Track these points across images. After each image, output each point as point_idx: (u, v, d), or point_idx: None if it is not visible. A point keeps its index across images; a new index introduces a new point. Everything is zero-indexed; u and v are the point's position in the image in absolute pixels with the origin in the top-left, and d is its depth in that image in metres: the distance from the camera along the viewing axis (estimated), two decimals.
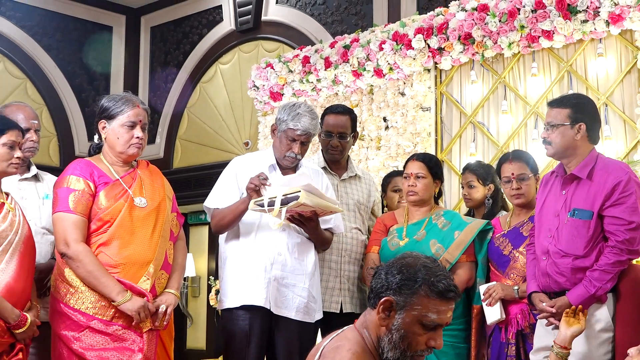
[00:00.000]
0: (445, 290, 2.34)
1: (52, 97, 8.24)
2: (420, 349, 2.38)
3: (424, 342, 2.37)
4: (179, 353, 7.69)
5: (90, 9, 8.58)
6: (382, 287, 2.40)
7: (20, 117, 3.97)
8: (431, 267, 2.37)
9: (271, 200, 3.78)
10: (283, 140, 4.03)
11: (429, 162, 4.26)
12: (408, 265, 2.39)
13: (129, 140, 3.68)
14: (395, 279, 2.37)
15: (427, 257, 2.46)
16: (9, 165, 3.48)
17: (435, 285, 2.34)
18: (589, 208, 3.52)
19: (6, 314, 3.33)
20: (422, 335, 2.36)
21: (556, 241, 3.61)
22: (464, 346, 4.10)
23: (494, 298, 3.94)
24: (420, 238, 4.16)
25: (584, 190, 3.56)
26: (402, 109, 5.84)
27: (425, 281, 2.34)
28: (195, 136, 8.23)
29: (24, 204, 3.84)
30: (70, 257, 3.49)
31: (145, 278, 3.56)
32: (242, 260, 3.99)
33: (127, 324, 3.49)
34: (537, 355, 3.70)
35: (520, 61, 5.40)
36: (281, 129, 4.03)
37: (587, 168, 3.58)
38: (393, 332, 2.36)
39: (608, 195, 3.49)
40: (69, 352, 3.47)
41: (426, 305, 2.34)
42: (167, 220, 3.73)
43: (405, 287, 2.35)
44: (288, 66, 6.55)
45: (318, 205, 3.81)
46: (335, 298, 4.35)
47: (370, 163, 5.93)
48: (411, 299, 2.34)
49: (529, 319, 3.90)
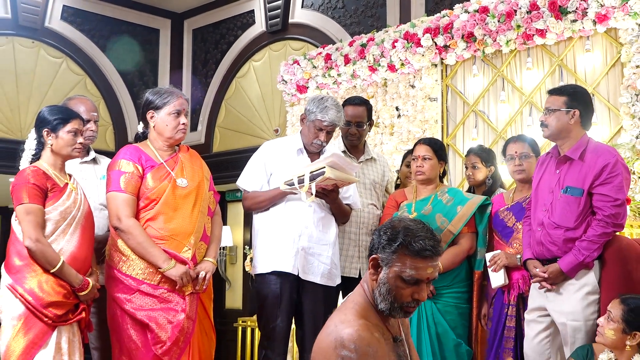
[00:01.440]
0: (420, 250, 2.32)
1: (107, 91, 8.28)
2: (407, 301, 2.37)
3: (409, 295, 2.36)
4: (219, 312, 7.76)
5: (140, 14, 8.59)
6: (373, 247, 2.42)
7: (82, 109, 3.99)
8: (412, 229, 2.36)
9: (300, 178, 3.81)
10: (311, 129, 4.02)
11: (435, 146, 4.25)
12: (393, 227, 2.39)
13: (176, 126, 3.70)
14: (382, 239, 2.38)
15: (413, 219, 2.45)
16: (73, 150, 3.52)
17: (412, 245, 2.32)
18: (580, 186, 3.50)
19: (71, 278, 3.37)
20: (406, 289, 2.35)
21: (550, 214, 3.59)
22: (466, 306, 4.09)
23: (499, 265, 3.93)
24: (427, 212, 4.14)
25: (576, 170, 3.54)
26: (412, 100, 5.82)
27: (403, 241, 2.33)
28: (232, 124, 8.24)
29: (84, 184, 3.86)
30: (122, 230, 3.52)
31: (187, 248, 3.59)
32: (273, 231, 4.00)
33: (172, 288, 3.52)
34: (531, 315, 3.70)
35: (516, 57, 5.36)
36: (310, 119, 4.01)
37: (579, 150, 3.55)
38: (381, 286, 2.37)
39: (597, 175, 3.46)
40: (122, 311, 3.51)
41: (404, 262, 2.33)
42: (205, 198, 3.75)
43: (388, 247, 2.35)
44: (312, 62, 6.54)
45: (339, 177, 3.81)
46: (355, 265, 4.35)
47: (384, 147, 5.92)
48: (391, 257, 2.34)
49: (529, 284, 3.86)
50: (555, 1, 4.86)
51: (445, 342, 3.96)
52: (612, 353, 3.19)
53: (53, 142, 3.47)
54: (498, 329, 3.94)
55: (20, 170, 3.43)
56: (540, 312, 3.65)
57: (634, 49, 4.60)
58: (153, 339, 3.46)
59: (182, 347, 3.50)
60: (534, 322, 3.67)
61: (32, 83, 7.61)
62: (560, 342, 3.61)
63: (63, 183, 3.48)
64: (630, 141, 4.51)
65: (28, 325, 3.28)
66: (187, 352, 3.53)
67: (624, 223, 3.52)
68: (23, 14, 7.47)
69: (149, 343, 3.46)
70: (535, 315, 3.67)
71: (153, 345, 3.46)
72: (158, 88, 3.79)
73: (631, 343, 3.14)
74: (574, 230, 3.52)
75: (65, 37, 7.92)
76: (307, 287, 3.97)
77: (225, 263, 8.26)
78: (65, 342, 3.35)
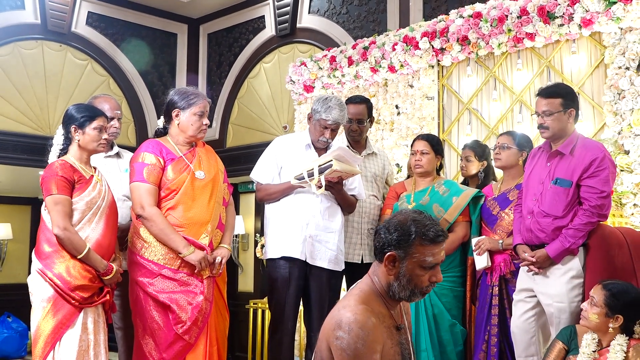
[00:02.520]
0: (435, 236, 2.33)
1: (129, 90, 8.27)
2: (425, 285, 2.38)
3: (427, 280, 2.37)
4: (232, 295, 7.77)
5: (159, 19, 8.57)
6: (384, 244, 2.39)
7: (106, 108, 3.99)
8: (420, 220, 2.36)
9: (309, 172, 3.83)
10: (317, 127, 4.03)
11: (432, 141, 4.27)
12: (400, 222, 2.37)
13: (199, 126, 3.70)
14: (393, 236, 2.36)
15: (413, 210, 2.44)
16: (98, 145, 3.52)
17: (426, 234, 2.33)
18: (569, 178, 3.50)
19: (96, 264, 3.39)
20: (425, 275, 2.36)
21: (540, 204, 3.59)
22: (460, 289, 4.11)
23: (482, 249, 3.95)
24: (425, 203, 4.15)
25: (566, 163, 3.54)
26: (411, 98, 5.80)
27: (417, 233, 2.33)
28: (244, 121, 8.23)
29: (108, 176, 3.87)
30: (145, 217, 3.52)
31: (204, 235, 3.59)
32: (283, 220, 4.00)
33: (191, 272, 3.53)
34: (519, 295, 3.71)
35: (507, 58, 5.33)
36: (315, 118, 4.02)
37: (569, 146, 3.56)
38: (401, 278, 2.36)
39: (586, 168, 3.46)
40: (145, 294, 3.53)
41: (422, 251, 2.33)
42: (220, 189, 3.75)
43: (403, 241, 2.34)
44: (318, 64, 6.52)
45: (345, 169, 3.83)
46: (358, 251, 4.35)
47: (385, 142, 5.90)
48: (409, 250, 2.34)
49: (509, 267, 3.91)
50: (544, 7, 4.83)
51: (441, 323, 3.97)
52: (596, 334, 3.18)
53: (80, 138, 3.47)
54: (484, 308, 3.95)
55: (49, 164, 3.44)
56: (527, 293, 3.66)
57: (616, 51, 4.57)
58: (174, 319, 3.47)
59: (201, 326, 3.51)
60: (521, 302, 3.68)
61: (59, 84, 7.61)
62: (544, 321, 3.63)
63: (89, 175, 3.49)
64: (612, 137, 4.49)
65: (57, 307, 3.30)
66: (205, 331, 3.54)
67: (607, 214, 3.52)
68: (51, 19, 7.46)
69: (170, 323, 3.48)
70: (523, 296, 3.67)
71: (174, 325, 3.47)
72: (184, 89, 3.78)
73: (614, 325, 3.14)
74: (561, 219, 3.51)
75: (90, 41, 7.91)
76: (314, 271, 3.97)
77: (238, 249, 8.25)
78: (91, 323, 3.37)
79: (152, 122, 8.39)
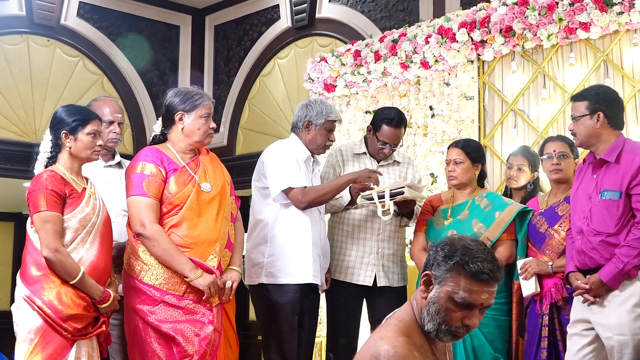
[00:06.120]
0: (477, 272, 2.28)
1: (125, 91, 8.33)
2: (456, 325, 2.34)
3: (459, 319, 2.33)
4: (242, 324, 7.78)
5: (159, 10, 8.64)
6: (428, 263, 2.40)
7: (106, 111, 4.03)
8: (472, 249, 2.33)
9: (379, 194, 4.12)
10: (322, 132, 4.27)
11: (467, 148, 4.26)
12: (451, 244, 2.37)
13: (207, 130, 3.73)
14: (438, 255, 2.36)
15: (474, 239, 2.41)
16: (92, 153, 3.51)
17: (469, 265, 2.29)
18: (617, 189, 3.50)
19: (92, 290, 3.38)
20: (457, 312, 2.32)
21: (589, 221, 3.58)
22: (505, 319, 4.09)
23: (529, 272, 3.92)
24: (463, 218, 4.16)
25: (613, 172, 3.55)
26: (447, 98, 5.81)
27: (460, 260, 2.31)
28: (256, 125, 8.27)
29: (108, 188, 3.89)
30: (146, 236, 3.51)
31: (212, 256, 3.59)
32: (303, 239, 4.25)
33: (198, 299, 3.52)
34: (574, 328, 3.68)
35: (558, 52, 5.32)
36: (318, 123, 4.26)
37: (615, 152, 3.56)
38: (430, 305, 2.35)
39: (634, 175, 3.47)
40: (145, 324, 3.50)
41: (458, 282, 2.30)
42: (228, 203, 3.77)
43: (443, 264, 2.33)
44: (340, 60, 6.55)
45: (414, 196, 4.20)
46: (370, 272, 4.41)
47: (417, 149, 5.92)
48: (445, 275, 2.32)
49: (562, 292, 3.88)
50: None
51: (482, 357, 3.95)
52: None
53: (71, 145, 3.47)
54: (532, 341, 3.93)
55: (37, 175, 3.43)
56: (583, 324, 3.63)
57: None
58: (179, 353, 3.45)
59: None
60: (577, 336, 3.65)
61: (47, 83, 7.69)
62: (604, 357, 3.59)
63: (81, 188, 3.48)
64: None
65: (46, 339, 3.27)
66: None
67: None
68: (38, 11, 7.52)
69: (174, 357, 3.46)
70: (579, 329, 3.65)
71: (179, 359, 3.45)
72: (185, 89, 3.81)
73: None
74: (614, 236, 3.50)
75: (82, 35, 7.99)
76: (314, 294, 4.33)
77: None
78: (85, 357, 3.36)
79: (152, 127, 8.45)
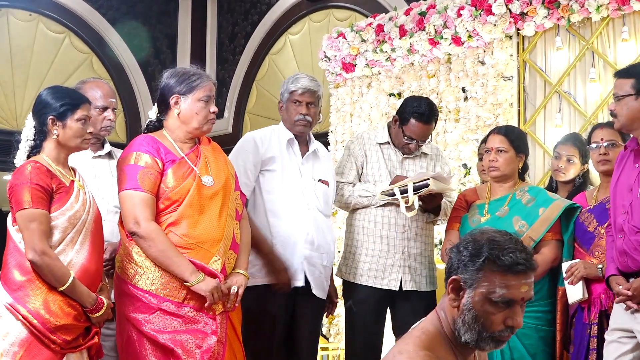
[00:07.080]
0: (512, 264, 2.26)
1: (118, 71, 8.37)
2: (498, 329, 2.30)
3: (500, 322, 2.29)
4: None
5: None
6: (452, 267, 2.36)
7: (98, 95, 4.01)
8: (498, 240, 2.30)
9: (402, 189, 4.18)
10: (289, 108, 4.34)
11: (511, 135, 4.25)
12: (474, 240, 2.34)
13: (206, 116, 3.70)
14: (463, 256, 2.33)
15: (498, 230, 2.38)
16: (83, 141, 3.48)
17: (501, 259, 2.26)
18: None
19: (83, 297, 3.34)
20: (497, 314, 2.28)
21: (630, 217, 3.55)
22: (548, 329, 4.07)
23: (576, 276, 3.90)
24: (502, 214, 4.14)
25: None
26: (482, 79, 5.82)
27: (489, 255, 2.27)
28: (265, 110, 8.28)
29: (97, 181, 3.89)
30: (141, 236, 3.48)
31: (216, 258, 3.57)
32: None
33: (199, 306, 3.50)
34: (612, 336, 3.66)
35: (609, 25, 5.31)
36: (284, 99, 4.37)
37: None
38: (465, 313, 2.31)
39: None
40: (139, 334, 3.48)
41: (492, 280, 2.26)
42: (232, 199, 3.75)
43: (471, 264, 2.29)
44: (361, 35, 6.56)
45: (440, 189, 4.23)
46: (395, 275, 4.39)
47: (448, 136, 5.92)
48: (477, 276, 2.28)
49: (613, 299, 3.81)
50: None
51: None
52: None
53: (60, 132, 3.42)
54: (580, 353, 3.92)
55: (19, 167, 3.40)
56: (623, 332, 3.62)
57: None
58: None
59: None
60: (615, 343, 3.63)
61: (29, 63, 7.73)
62: None
63: (69, 181, 3.45)
64: None
65: (32, 352, 3.25)
66: None
67: None
68: None
69: None
70: (617, 336, 3.63)
71: None
72: (182, 69, 3.80)
73: None
74: None
75: (68, 8, 8.02)
76: None
77: None
78: None
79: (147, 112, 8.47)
